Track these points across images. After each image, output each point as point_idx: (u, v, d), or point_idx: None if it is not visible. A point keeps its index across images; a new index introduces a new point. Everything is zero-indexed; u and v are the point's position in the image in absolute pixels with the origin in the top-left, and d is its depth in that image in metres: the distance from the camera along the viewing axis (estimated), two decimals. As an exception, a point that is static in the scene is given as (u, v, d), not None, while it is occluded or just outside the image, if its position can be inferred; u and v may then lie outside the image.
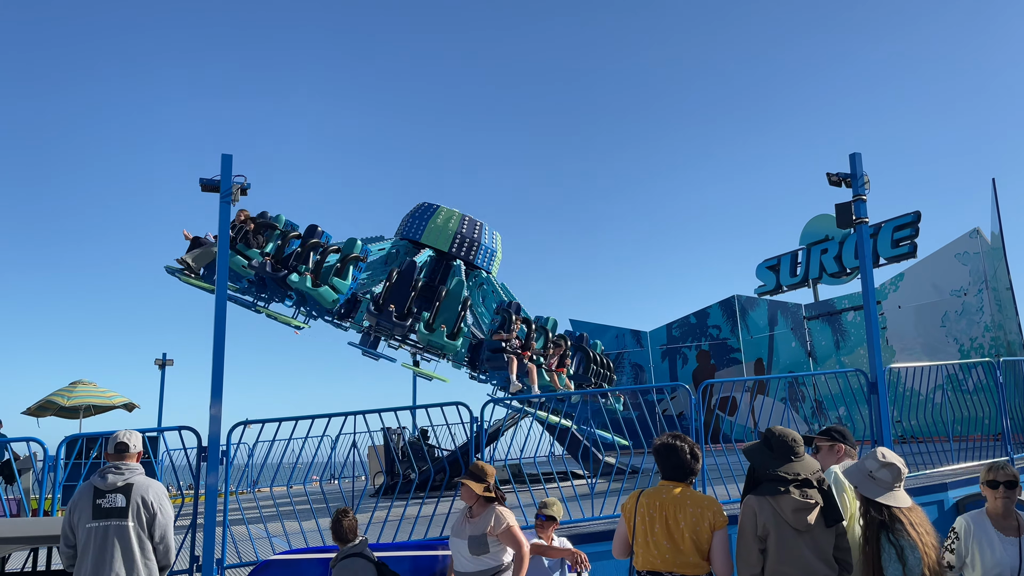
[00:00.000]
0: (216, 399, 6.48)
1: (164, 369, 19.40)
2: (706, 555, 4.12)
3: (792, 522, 3.83)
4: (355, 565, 5.43)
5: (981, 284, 14.10)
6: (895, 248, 15.68)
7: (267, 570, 5.98)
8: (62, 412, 17.11)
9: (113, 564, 4.61)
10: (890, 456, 3.87)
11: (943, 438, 9.20)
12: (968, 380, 9.77)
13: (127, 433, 4.97)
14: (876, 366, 7.99)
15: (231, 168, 6.78)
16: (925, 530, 3.74)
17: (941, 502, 7.97)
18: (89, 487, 4.77)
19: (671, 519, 4.12)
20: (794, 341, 17.59)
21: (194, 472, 6.86)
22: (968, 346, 14.21)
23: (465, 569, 5.24)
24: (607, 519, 7.30)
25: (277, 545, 6.97)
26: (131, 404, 17.76)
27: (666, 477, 4.31)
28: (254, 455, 9.09)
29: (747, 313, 18.59)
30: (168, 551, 4.87)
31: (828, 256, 17.11)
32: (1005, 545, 4.13)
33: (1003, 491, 4.21)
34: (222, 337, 6.62)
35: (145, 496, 4.77)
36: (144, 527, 4.75)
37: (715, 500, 4.26)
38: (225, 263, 6.70)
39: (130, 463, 4.86)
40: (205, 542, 6.25)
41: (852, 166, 8.06)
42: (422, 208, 13.73)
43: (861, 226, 8.04)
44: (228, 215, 6.72)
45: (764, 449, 4.06)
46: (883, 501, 3.77)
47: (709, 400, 8.40)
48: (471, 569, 5.22)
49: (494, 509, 5.37)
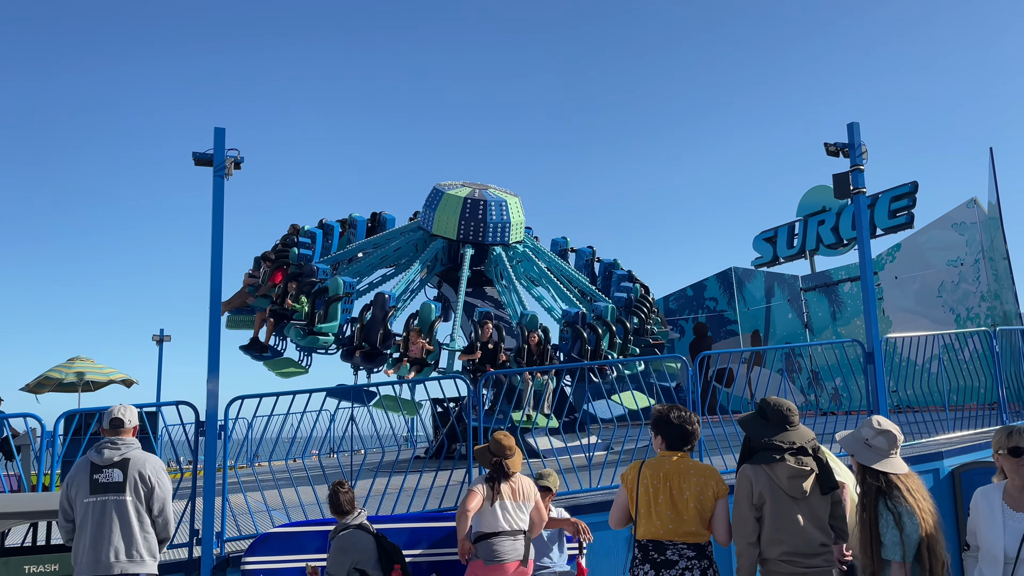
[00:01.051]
0: (213, 374, 6.47)
1: (162, 345, 19.44)
2: (707, 523, 4.15)
3: (788, 489, 3.85)
4: (354, 537, 5.46)
5: (978, 254, 14.10)
6: (892, 219, 15.66)
7: (266, 542, 6.01)
8: (60, 388, 17.14)
9: (112, 538, 4.63)
10: (885, 424, 3.88)
11: (939, 407, 9.25)
12: (964, 350, 9.80)
13: (122, 408, 4.97)
14: (873, 336, 8.00)
15: (224, 142, 6.71)
16: (922, 496, 3.76)
17: (937, 471, 8.02)
18: (86, 462, 4.78)
19: (675, 489, 4.14)
20: (791, 312, 17.62)
21: (192, 447, 6.87)
22: (964, 316, 14.24)
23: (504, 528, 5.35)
24: (604, 490, 7.34)
25: (276, 518, 7.01)
26: (129, 380, 17.80)
27: (667, 447, 4.33)
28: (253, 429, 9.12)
29: (744, 285, 18.60)
30: (167, 524, 4.88)
31: (825, 227, 17.09)
32: (1008, 521, 3.64)
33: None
34: (218, 312, 6.60)
35: (142, 470, 4.78)
36: (142, 501, 4.76)
37: (715, 469, 4.28)
38: (219, 237, 6.65)
39: (126, 438, 4.86)
40: (204, 515, 6.28)
41: (850, 136, 8.02)
42: (431, 195, 13.68)
43: (859, 196, 8.02)
44: (222, 189, 6.67)
45: (759, 419, 4.08)
46: (879, 468, 3.78)
47: (706, 372, 8.40)
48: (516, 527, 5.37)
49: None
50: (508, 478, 5.42)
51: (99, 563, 4.60)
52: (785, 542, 3.80)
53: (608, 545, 6.69)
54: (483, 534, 5.33)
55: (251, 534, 6.71)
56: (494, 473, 5.44)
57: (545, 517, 5.58)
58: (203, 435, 6.54)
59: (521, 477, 5.50)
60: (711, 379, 10.48)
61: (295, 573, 5.92)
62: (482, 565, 5.27)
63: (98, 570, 4.60)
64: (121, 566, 4.62)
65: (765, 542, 3.88)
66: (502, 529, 5.30)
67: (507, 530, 5.30)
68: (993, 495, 3.71)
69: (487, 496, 5.37)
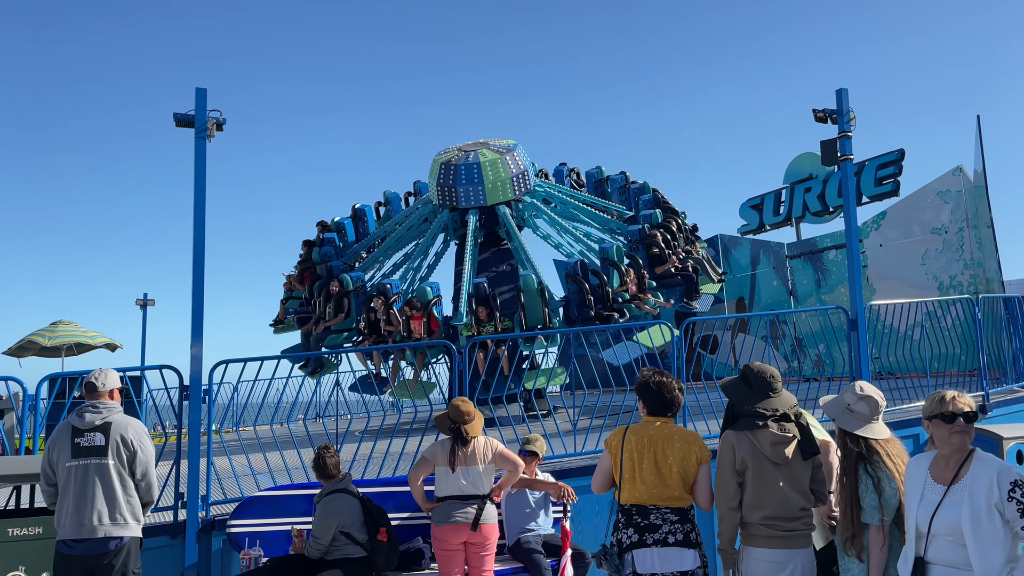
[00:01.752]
0: (196, 339, 6.43)
1: (145, 309, 19.31)
2: (690, 488, 4.19)
3: (770, 455, 3.88)
4: (339, 500, 5.49)
5: (962, 222, 14.16)
6: (878, 186, 15.67)
7: (252, 506, 6.03)
8: (43, 352, 17.04)
9: (95, 502, 4.62)
10: (868, 389, 3.90)
11: (920, 374, 9.33)
12: (946, 317, 9.87)
13: (97, 372, 4.92)
14: (857, 304, 8.04)
15: (206, 102, 6.60)
16: (902, 460, 3.80)
17: (917, 436, 8.12)
18: (67, 426, 4.75)
19: (659, 454, 4.17)
20: (776, 280, 17.68)
21: (176, 411, 6.86)
22: (947, 283, 14.34)
23: (463, 492, 5.41)
24: (589, 454, 7.39)
25: (262, 482, 7.03)
26: (113, 344, 17.72)
27: (650, 413, 4.35)
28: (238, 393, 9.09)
29: (730, 252, 18.64)
30: (150, 488, 4.87)
31: (811, 195, 17.10)
32: (926, 492, 3.39)
33: (961, 424, 3.35)
34: (201, 276, 6.54)
35: (124, 434, 4.75)
36: (125, 465, 4.74)
37: (699, 435, 4.31)
38: (202, 200, 6.57)
39: (107, 401, 4.82)
40: (189, 479, 6.29)
41: (838, 102, 7.98)
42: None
43: (846, 163, 8.00)
44: (204, 150, 6.57)
45: (742, 385, 4.10)
46: (861, 433, 3.81)
47: (691, 338, 8.43)
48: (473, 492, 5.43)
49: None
50: (466, 443, 5.47)
51: (82, 526, 4.60)
52: (766, 507, 3.84)
53: (592, 508, 6.75)
54: (440, 497, 5.45)
55: (236, 498, 6.73)
56: (453, 439, 5.49)
57: (519, 461, 5.63)
58: (187, 399, 6.52)
59: (479, 439, 5.54)
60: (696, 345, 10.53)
61: (280, 536, 5.95)
62: (435, 526, 5.41)
63: (81, 533, 4.60)
64: (104, 529, 4.62)
65: (747, 506, 3.92)
66: (456, 493, 5.39)
67: (459, 494, 5.38)
68: (922, 464, 3.48)
69: (445, 462, 5.44)
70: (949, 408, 3.36)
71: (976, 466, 3.27)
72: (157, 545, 6.14)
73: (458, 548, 5.36)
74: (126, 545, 4.68)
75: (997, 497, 3.14)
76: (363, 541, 5.44)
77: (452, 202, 13.07)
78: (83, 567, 4.61)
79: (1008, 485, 3.14)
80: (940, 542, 3.27)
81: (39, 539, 5.38)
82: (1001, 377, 9.99)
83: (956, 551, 3.21)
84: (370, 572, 5.47)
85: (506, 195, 12.99)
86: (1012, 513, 3.12)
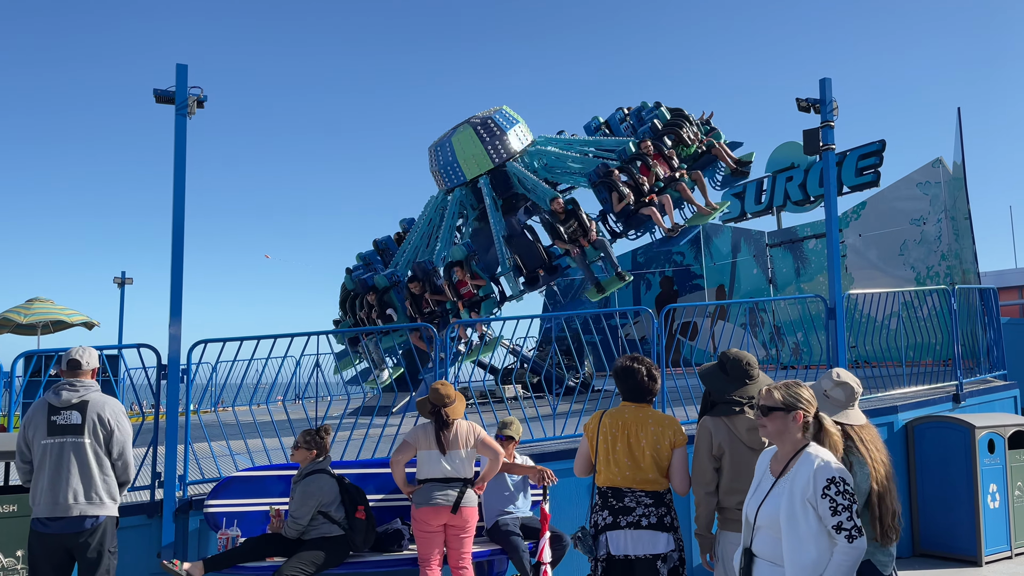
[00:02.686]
0: (175, 318, 6.39)
1: (123, 288, 19.14)
2: (665, 472, 4.23)
3: (747, 441, 3.92)
4: (319, 481, 5.50)
5: (941, 213, 14.30)
6: (859, 177, 15.77)
7: (230, 486, 6.02)
8: (19, 329, 16.84)
9: (70, 480, 4.59)
10: (844, 376, 3.94)
11: (896, 363, 9.45)
12: (923, 307, 9.98)
13: (80, 349, 4.89)
14: (835, 292, 8.12)
15: (187, 79, 6.52)
16: (876, 447, 3.84)
17: (891, 424, 8.24)
18: (43, 403, 4.71)
19: (632, 437, 4.20)
20: (756, 268, 17.79)
21: (154, 390, 6.81)
22: (924, 274, 14.48)
23: (443, 475, 5.43)
24: (568, 439, 7.43)
25: (240, 462, 7.01)
26: (91, 322, 17.55)
27: (626, 398, 4.38)
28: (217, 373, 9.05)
29: (711, 240, 18.71)
30: (127, 467, 4.85)
31: (793, 184, 17.19)
32: (761, 481, 3.40)
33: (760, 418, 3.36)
34: (180, 254, 6.48)
35: (101, 413, 4.72)
36: (101, 444, 4.71)
37: (675, 419, 4.35)
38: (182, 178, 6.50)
39: (85, 380, 4.79)
40: (167, 459, 6.26)
41: (821, 91, 8.02)
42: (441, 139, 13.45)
43: (828, 153, 8.05)
44: (184, 127, 6.50)
45: (719, 373, 4.13)
46: (837, 419, 3.86)
47: (671, 325, 8.49)
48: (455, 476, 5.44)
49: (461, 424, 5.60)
50: (448, 427, 5.48)
51: (57, 504, 4.57)
52: (742, 491, 3.87)
53: (571, 492, 6.80)
54: (421, 480, 5.47)
55: (214, 478, 6.70)
56: (434, 422, 5.51)
57: (500, 449, 5.65)
58: (165, 379, 6.48)
59: (461, 423, 5.56)
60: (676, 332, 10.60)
61: (258, 516, 5.94)
62: (415, 508, 5.44)
63: (56, 511, 4.57)
64: (80, 508, 4.59)
65: (723, 491, 3.96)
66: (437, 476, 5.41)
67: (440, 477, 5.40)
68: (767, 455, 3.47)
69: (428, 445, 5.46)
70: (759, 400, 3.35)
71: (801, 461, 3.22)
72: (134, 524, 6.11)
73: (437, 530, 5.39)
74: (102, 524, 4.66)
75: (811, 493, 3.09)
76: (340, 520, 5.46)
77: (442, 185, 13.08)
78: (58, 545, 4.59)
79: (823, 482, 3.09)
80: (763, 534, 3.24)
81: (13, 517, 5.34)
82: (975, 367, 10.13)
83: (775, 545, 3.17)
84: (347, 550, 5.49)
85: (483, 165, 12.73)
86: (824, 510, 3.07)
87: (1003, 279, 20.10)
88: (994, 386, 9.66)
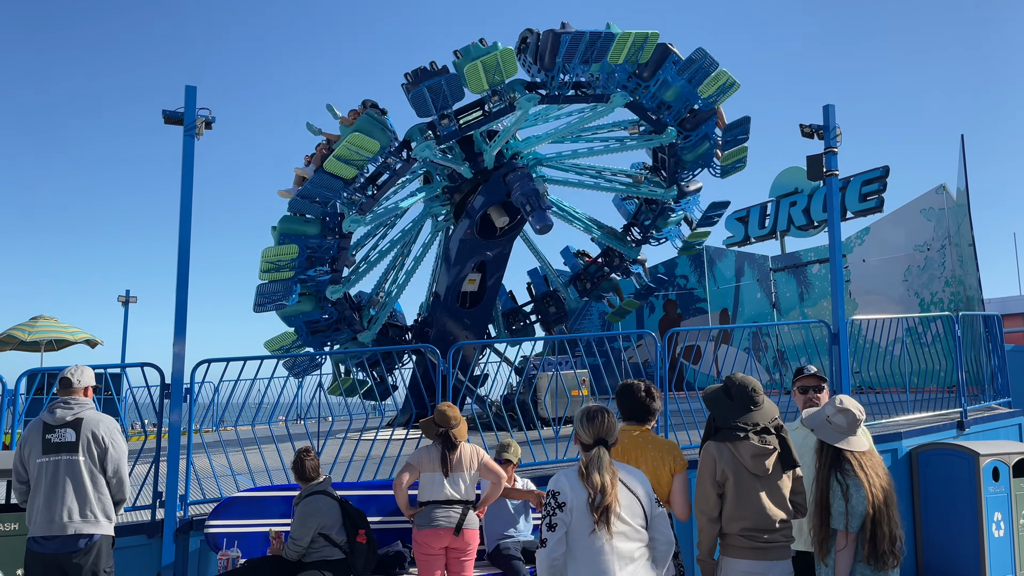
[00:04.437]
0: (179, 337, 6.41)
1: (127, 306, 19.18)
2: (665, 497, 4.20)
3: (751, 467, 3.90)
4: (319, 502, 5.47)
5: (944, 240, 14.31)
6: (862, 202, 15.82)
7: (231, 506, 6.00)
8: (23, 347, 16.88)
9: (65, 498, 4.58)
10: (847, 402, 3.94)
11: (900, 389, 9.41)
12: (927, 333, 9.96)
13: (73, 368, 4.89)
14: (839, 318, 8.11)
15: (195, 100, 6.59)
16: (875, 472, 3.84)
17: (895, 451, 8.20)
18: (39, 422, 4.71)
19: (631, 462, 4.18)
20: (759, 292, 17.79)
21: (157, 409, 6.81)
22: (928, 300, 14.47)
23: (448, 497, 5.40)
24: (569, 462, 7.40)
25: (241, 482, 6.99)
26: (93, 340, 17.57)
27: (626, 419, 4.38)
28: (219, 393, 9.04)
29: (715, 264, 18.73)
30: (122, 485, 4.82)
31: (797, 209, 17.23)
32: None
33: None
34: (186, 274, 6.52)
35: (95, 430, 4.71)
36: (96, 461, 4.70)
37: (676, 445, 4.33)
38: (188, 198, 6.54)
39: (79, 398, 4.79)
40: (168, 478, 6.25)
41: (825, 118, 8.07)
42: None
43: (831, 179, 8.08)
44: (192, 148, 6.55)
45: (724, 398, 4.10)
46: (840, 446, 3.85)
47: (674, 348, 8.47)
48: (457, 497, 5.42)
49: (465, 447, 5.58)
50: (453, 449, 5.47)
51: (52, 523, 4.55)
52: (746, 518, 3.86)
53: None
54: (423, 502, 5.44)
55: (215, 498, 6.69)
56: (440, 444, 5.49)
57: (502, 473, 5.63)
58: (168, 398, 6.48)
59: (465, 446, 5.55)
60: (679, 356, 10.59)
61: (258, 537, 5.92)
62: (417, 530, 5.40)
63: (52, 530, 4.55)
64: (75, 526, 4.58)
65: (726, 518, 3.93)
66: (440, 498, 5.38)
67: (443, 499, 5.38)
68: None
69: (432, 468, 5.44)
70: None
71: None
72: (134, 544, 6.09)
73: (439, 553, 5.36)
74: (96, 543, 4.63)
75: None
76: (342, 543, 5.43)
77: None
78: (53, 565, 4.57)
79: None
80: None
81: (15, 535, 5.33)
82: (979, 394, 10.09)
83: None
84: (348, 574, 5.45)
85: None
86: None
87: (1007, 306, 20.10)
88: (998, 413, 9.62)
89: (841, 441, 3.86)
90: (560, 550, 3.40)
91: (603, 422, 3.61)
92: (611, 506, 3.39)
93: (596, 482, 3.41)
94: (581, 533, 3.41)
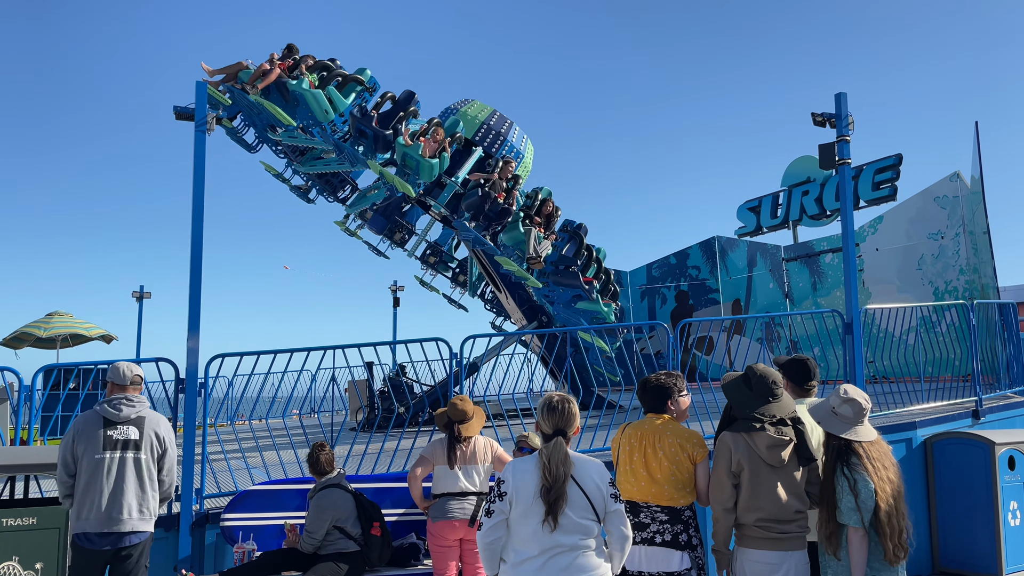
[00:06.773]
0: (193, 332, 6.44)
1: (142, 302, 19.28)
2: (683, 486, 4.18)
3: (767, 458, 3.89)
4: (334, 495, 5.50)
5: (959, 228, 14.20)
6: (875, 191, 15.71)
7: (246, 499, 6.04)
8: (39, 343, 17.02)
9: (126, 495, 4.65)
10: (852, 392, 3.91)
11: (914, 378, 9.37)
12: (941, 322, 9.90)
13: (131, 365, 4.94)
14: (852, 307, 8.07)
15: (206, 96, 6.61)
16: (883, 464, 3.81)
17: (910, 440, 8.15)
18: (97, 417, 4.73)
19: (650, 449, 4.18)
20: (772, 282, 17.72)
21: (172, 404, 6.86)
22: (943, 289, 14.38)
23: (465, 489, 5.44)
24: (596, 452, 7.40)
25: (256, 476, 7.03)
26: (109, 336, 17.69)
27: (648, 409, 4.38)
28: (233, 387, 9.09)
29: (727, 254, 18.66)
30: (172, 485, 4.96)
31: (809, 198, 17.13)
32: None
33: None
34: (199, 268, 6.54)
35: (157, 430, 4.83)
36: (155, 460, 4.80)
37: (697, 434, 4.31)
38: (201, 193, 6.56)
39: (139, 395, 4.88)
40: (184, 472, 6.29)
41: (837, 106, 8.00)
42: (456, 103, 13.21)
43: (844, 167, 8.03)
44: (203, 144, 6.57)
45: (743, 387, 4.09)
46: (846, 436, 3.83)
47: (686, 339, 8.46)
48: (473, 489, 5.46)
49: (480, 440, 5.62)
50: (464, 441, 5.49)
51: (111, 519, 4.60)
52: (762, 509, 3.85)
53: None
54: (437, 494, 5.48)
55: (231, 491, 6.73)
56: (450, 437, 5.51)
57: None
58: (183, 392, 6.52)
59: (478, 439, 5.57)
60: (691, 346, 10.57)
61: (274, 530, 5.96)
62: (431, 522, 5.44)
63: (109, 526, 4.60)
64: (132, 523, 4.65)
65: (742, 508, 3.93)
66: (454, 490, 5.42)
67: (457, 491, 5.41)
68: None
69: (443, 460, 5.47)
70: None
71: None
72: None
73: (454, 544, 5.38)
74: (145, 540, 4.73)
75: None
76: (357, 535, 5.46)
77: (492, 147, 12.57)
78: (100, 560, 4.63)
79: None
80: None
81: (33, 530, 5.37)
82: (995, 383, 10.02)
83: None
84: (363, 566, 5.48)
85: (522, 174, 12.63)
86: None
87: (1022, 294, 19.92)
88: (1014, 402, 9.55)
89: (848, 432, 3.84)
90: (495, 535, 3.49)
91: (563, 412, 3.59)
92: (559, 499, 3.40)
93: (551, 473, 3.42)
94: (522, 522, 3.44)
